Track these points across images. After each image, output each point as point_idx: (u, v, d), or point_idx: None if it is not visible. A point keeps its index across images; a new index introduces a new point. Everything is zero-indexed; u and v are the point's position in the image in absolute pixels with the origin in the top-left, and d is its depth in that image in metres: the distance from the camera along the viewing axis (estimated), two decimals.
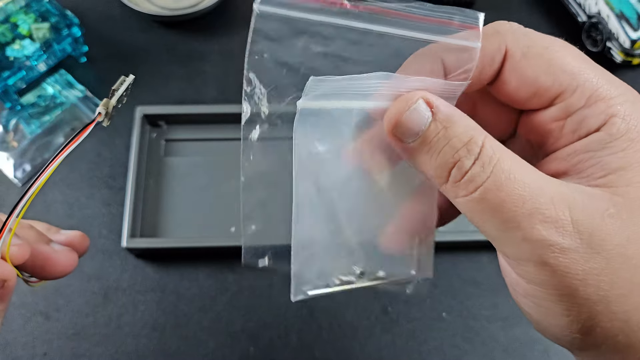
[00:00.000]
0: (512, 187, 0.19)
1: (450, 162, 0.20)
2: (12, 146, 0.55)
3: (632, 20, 0.58)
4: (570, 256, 0.19)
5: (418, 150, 0.20)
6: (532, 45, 0.21)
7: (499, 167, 0.19)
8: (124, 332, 0.48)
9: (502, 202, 0.19)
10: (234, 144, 0.55)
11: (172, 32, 0.62)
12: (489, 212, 0.19)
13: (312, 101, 0.20)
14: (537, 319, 0.21)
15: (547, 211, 0.19)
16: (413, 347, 0.48)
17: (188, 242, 0.49)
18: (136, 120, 0.53)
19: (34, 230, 0.29)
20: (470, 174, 0.19)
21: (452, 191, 0.20)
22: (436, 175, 0.20)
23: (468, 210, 0.20)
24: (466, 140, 0.19)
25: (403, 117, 0.20)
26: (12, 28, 0.55)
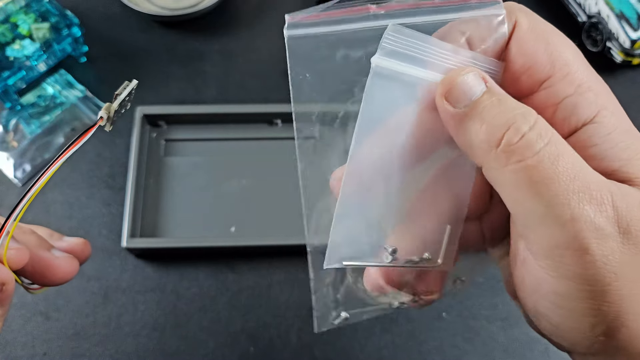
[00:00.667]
0: (567, 161, 0.18)
1: (505, 125, 0.19)
2: (12, 146, 0.55)
3: (632, 20, 0.58)
4: (610, 244, 0.18)
5: (468, 116, 0.19)
6: (537, 25, 0.21)
7: (555, 139, 0.19)
8: (124, 332, 0.48)
9: (555, 174, 0.18)
10: (234, 144, 0.55)
11: (172, 32, 0.62)
12: (540, 184, 0.18)
13: (386, 58, 0.20)
14: (556, 322, 0.20)
15: (595, 192, 0.18)
16: (413, 347, 0.48)
17: (188, 242, 0.49)
18: (136, 120, 0.53)
19: (35, 236, 0.29)
20: (527, 137, 0.18)
21: (502, 157, 0.18)
22: (487, 139, 0.19)
23: (517, 180, 0.18)
24: (522, 109, 0.19)
25: (459, 79, 0.20)
26: (12, 28, 0.55)
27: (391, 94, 0.21)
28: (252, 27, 0.63)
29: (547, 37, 0.21)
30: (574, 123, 0.21)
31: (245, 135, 0.55)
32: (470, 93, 0.20)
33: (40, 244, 0.29)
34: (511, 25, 0.21)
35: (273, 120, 0.55)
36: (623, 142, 0.20)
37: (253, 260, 0.51)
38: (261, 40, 0.62)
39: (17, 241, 0.26)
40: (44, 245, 0.29)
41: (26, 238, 0.28)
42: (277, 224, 0.51)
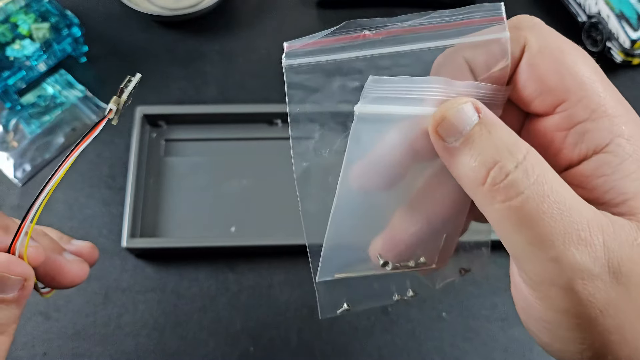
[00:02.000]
0: (554, 200, 0.18)
1: (491, 162, 0.18)
2: (12, 146, 0.55)
3: (632, 20, 0.58)
4: (596, 284, 0.18)
5: (459, 150, 0.19)
6: (549, 44, 0.20)
7: (542, 179, 0.18)
8: (124, 332, 0.48)
9: (541, 214, 0.18)
10: (234, 144, 0.55)
11: (172, 32, 0.62)
12: (524, 223, 0.18)
13: (369, 105, 0.20)
14: (547, 342, 0.21)
15: (583, 233, 0.18)
16: (413, 347, 0.48)
17: (188, 242, 0.49)
18: (136, 120, 0.53)
19: (48, 238, 0.29)
20: (512, 177, 0.18)
21: (488, 196, 0.19)
22: (474, 177, 0.19)
23: (501, 218, 0.19)
24: (510, 143, 0.19)
25: (450, 113, 0.19)
26: (12, 28, 0.55)
27: (378, 131, 0.21)
28: (252, 27, 0.63)
29: (560, 57, 0.20)
30: (584, 151, 0.20)
31: (245, 135, 0.55)
32: (461, 126, 0.19)
33: (53, 247, 0.29)
34: (520, 47, 0.21)
35: (273, 120, 0.55)
36: (634, 174, 0.19)
37: (253, 260, 0.51)
38: (261, 40, 0.62)
39: (33, 239, 0.26)
40: (57, 248, 0.29)
41: (40, 240, 0.28)
42: (277, 224, 0.51)
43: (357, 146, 0.21)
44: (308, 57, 0.21)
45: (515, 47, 0.20)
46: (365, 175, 0.22)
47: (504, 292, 0.50)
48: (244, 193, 0.53)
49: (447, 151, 0.20)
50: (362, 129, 0.21)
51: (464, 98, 0.20)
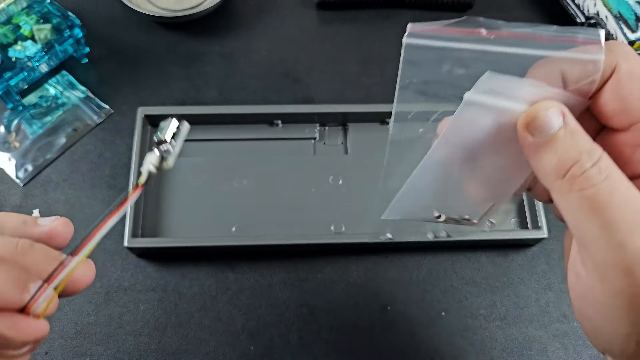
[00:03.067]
0: (622, 194, 0.21)
1: (572, 160, 0.22)
2: (14, 147, 0.55)
3: (630, 21, 0.58)
4: None
5: (544, 146, 0.22)
6: (636, 70, 0.23)
7: (614, 176, 0.22)
8: (125, 331, 0.48)
9: (609, 203, 0.21)
10: (235, 145, 0.55)
11: (173, 33, 0.62)
12: (595, 210, 0.21)
13: (479, 94, 0.23)
14: (599, 326, 0.23)
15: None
16: (412, 345, 0.48)
17: (189, 241, 0.50)
18: (137, 121, 0.53)
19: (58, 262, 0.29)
20: (589, 172, 0.21)
21: (567, 185, 0.22)
22: (555, 170, 0.22)
23: (576, 205, 0.22)
24: (589, 147, 0.22)
25: (541, 113, 0.22)
26: (14, 29, 0.55)
27: (478, 118, 0.24)
28: (253, 28, 0.63)
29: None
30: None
31: (246, 136, 0.55)
32: (548, 126, 0.22)
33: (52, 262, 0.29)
34: (611, 68, 0.23)
35: (273, 121, 0.56)
36: None
37: (253, 260, 0.51)
38: (261, 41, 0.62)
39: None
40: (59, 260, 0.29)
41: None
42: (278, 224, 0.51)
43: (457, 124, 0.24)
44: (426, 40, 0.24)
45: (607, 68, 0.23)
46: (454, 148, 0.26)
47: (502, 292, 0.51)
48: (245, 193, 0.53)
49: (532, 145, 0.23)
50: (466, 111, 0.23)
51: (553, 102, 0.23)
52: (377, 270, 0.51)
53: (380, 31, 0.64)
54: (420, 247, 0.51)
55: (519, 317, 0.50)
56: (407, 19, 0.64)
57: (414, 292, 0.50)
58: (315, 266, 0.51)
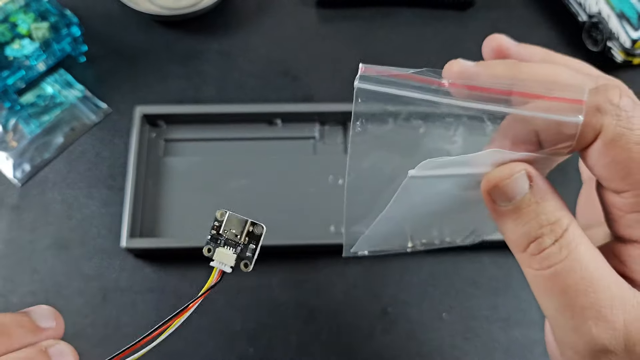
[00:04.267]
0: (580, 277, 0.20)
1: (533, 236, 0.21)
2: (12, 146, 0.55)
3: (632, 19, 0.57)
4: (611, 359, 0.20)
5: (507, 215, 0.22)
6: (624, 135, 0.20)
7: (574, 255, 0.20)
8: (123, 332, 0.48)
9: (566, 287, 0.20)
10: (233, 144, 0.55)
11: (171, 32, 0.62)
12: (551, 291, 0.21)
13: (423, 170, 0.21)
14: None
15: (604, 310, 0.20)
16: (413, 347, 0.48)
17: (187, 242, 0.49)
18: (135, 120, 0.53)
19: None
20: (547, 252, 0.21)
21: (525, 261, 0.21)
22: (516, 243, 0.22)
23: (534, 282, 0.21)
24: (553, 220, 0.21)
25: (503, 182, 0.21)
26: (11, 27, 0.55)
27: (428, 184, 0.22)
28: (252, 27, 0.63)
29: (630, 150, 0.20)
30: (635, 236, 0.22)
31: (245, 135, 0.55)
32: (512, 194, 0.21)
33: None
34: (595, 132, 0.20)
35: (273, 120, 0.55)
36: None
37: None
38: (260, 40, 0.62)
39: None
40: None
41: None
42: (277, 224, 0.51)
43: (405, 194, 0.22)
44: (380, 85, 0.21)
45: (589, 132, 0.20)
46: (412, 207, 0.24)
47: (505, 293, 0.50)
48: (244, 193, 0.52)
49: (496, 212, 0.22)
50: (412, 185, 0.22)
51: (519, 165, 0.21)
52: (378, 270, 0.51)
53: (380, 29, 0.63)
54: None
55: (522, 319, 0.49)
56: (407, 17, 0.64)
57: (414, 294, 0.50)
58: (314, 267, 0.50)
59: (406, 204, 0.23)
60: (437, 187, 0.23)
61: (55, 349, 0.26)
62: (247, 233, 0.25)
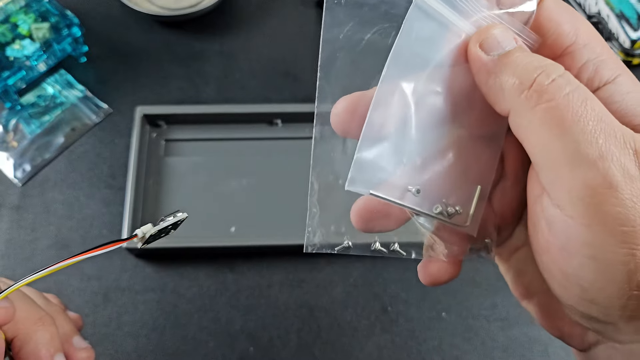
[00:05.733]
0: (595, 104, 0.19)
1: (538, 69, 0.20)
2: (12, 146, 0.55)
3: (632, 20, 0.58)
4: (636, 185, 0.18)
5: (501, 63, 0.21)
6: (561, 2, 0.22)
7: (582, 86, 0.20)
8: (124, 331, 0.48)
9: (584, 114, 0.19)
10: (234, 144, 0.55)
11: (172, 32, 0.62)
12: (569, 122, 0.19)
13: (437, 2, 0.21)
14: (588, 280, 0.19)
15: (619, 135, 0.19)
16: (412, 346, 0.48)
17: (188, 242, 0.49)
18: (136, 120, 0.53)
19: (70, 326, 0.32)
20: (558, 81, 0.19)
21: (534, 97, 0.19)
22: (518, 84, 0.20)
23: (545, 119, 0.19)
24: (550, 61, 0.20)
25: (495, 30, 0.21)
26: (12, 28, 0.55)
27: (427, 31, 0.21)
28: (252, 27, 0.63)
29: (570, 11, 0.22)
30: (596, 82, 0.21)
31: (245, 135, 0.55)
32: (504, 44, 0.21)
33: (65, 333, 0.31)
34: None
35: (273, 120, 0.55)
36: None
37: (253, 260, 0.51)
38: (261, 40, 0.62)
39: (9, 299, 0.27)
40: (68, 334, 0.32)
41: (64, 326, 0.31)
42: (277, 224, 0.51)
43: (407, 36, 0.21)
44: None
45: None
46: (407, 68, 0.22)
47: (504, 292, 0.50)
48: (244, 193, 0.53)
49: (487, 64, 0.21)
50: (415, 18, 0.21)
51: (503, 25, 0.22)
52: (378, 270, 0.51)
53: None
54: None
55: (520, 318, 0.49)
56: None
57: (414, 293, 0.50)
58: (315, 266, 0.51)
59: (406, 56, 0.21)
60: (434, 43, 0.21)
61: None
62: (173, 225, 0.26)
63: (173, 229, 0.26)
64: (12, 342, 0.28)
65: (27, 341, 0.28)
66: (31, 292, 0.32)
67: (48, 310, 0.31)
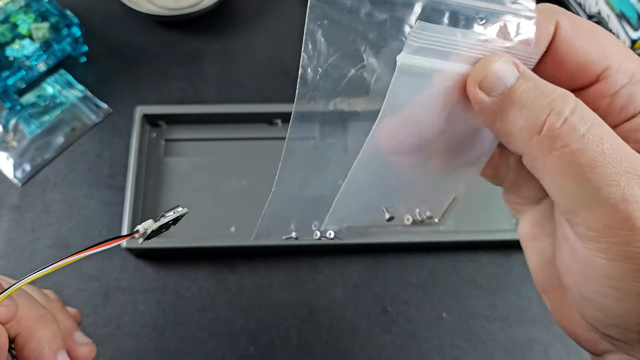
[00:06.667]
0: (612, 142, 0.18)
1: (547, 109, 0.18)
2: (12, 146, 0.55)
3: (632, 20, 0.58)
4: None
5: (505, 104, 0.19)
6: (579, 22, 0.21)
7: (597, 121, 0.18)
8: (124, 332, 0.48)
9: (602, 156, 0.18)
10: (234, 144, 0.55)
11: (172, 32, 0.62)
12: (587, 167, 0.18)
13: (412, 56, 0.19)
14: (606, 306, 0.20)
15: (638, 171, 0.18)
16: (413, 347, 0.48)
17: (188, 242, 0.49)
18: (136, 120, 0.53)
19: (71, 322, 0.33)
20: (570, 121, 0.18)
21: (546, 143, 0.18)
22: (528, 126, 0.19)
23: (561, 165, 0.18)
24: (560, 92, 0.19)
25: (491, 65, 0.19)
26: (11, 28, 0.55)
27: (417, 87, 0.20)
28: (252, 27, 0.63)
29: (592, 32, 0.21)
30: (631, 111, 0.21)
31: (245, 135, 0.55)
32: (504, 80, 0.19)
33: (67, 328, 0.32)
34: (552, 27, 0.21)
35: (273, 120, 0.55)
36: None
37: (253, 260, 0.51)
38: (261, 40, 0.62)
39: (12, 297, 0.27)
40: (69, 330, 0.32)
41: (66, 322, 0.32)
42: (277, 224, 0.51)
43: (394, 100, 0.20)
44: None
45: (549, 25, 0.21)
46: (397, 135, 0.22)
47: (504, 292, 0.50)
48: (244, 193, 0.53)
49: (490, 107, 0.20)
50: (402, 82, 0.20)
51: (499, 53, 0.20)
52: (378, 270, 0.51)
53: None
54: (421, 247, 0.51)
55: (521, 318, 0.49)
56: None
57: (414, 293, 0.50)
58: (315, 266, 0.51)
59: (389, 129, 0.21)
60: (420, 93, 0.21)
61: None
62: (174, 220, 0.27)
63: (173, 224, 0.27)
64: (15, 339, 0.28)
65: (29, 339, 0.28)
66: (31, 290, 0.32)
67: (49, 307, 0.31)
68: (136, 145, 0.52)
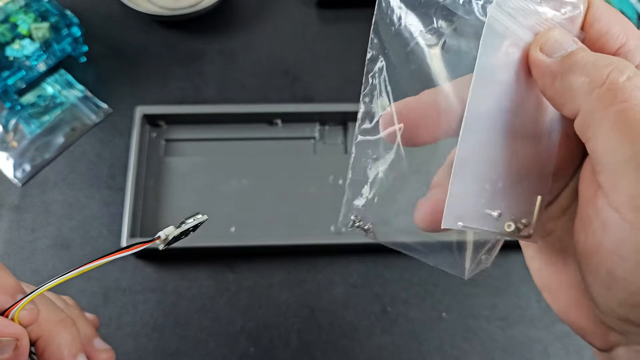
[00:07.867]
0: None
1: (609, 65, 0.19)
2: (12, 146, 0.55)
3: (632, 20, 0.58)
4: None
5: (566, 62, 0.20)
6: (607, 4, 0.22)
7: None
8: (124, 332, 0.48)
9: None
10: (234, 144, 0.55)
11: (172, 32, 0.62)
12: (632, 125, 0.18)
13: (502, 14, 0.21)
14: (638, 286, 0.19)
15: None
16: (413, 347, 0.48)
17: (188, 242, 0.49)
18: (136, 120, 0.53)
19: (91, 329, 0.33)
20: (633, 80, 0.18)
21: (607, 96, 0.18)
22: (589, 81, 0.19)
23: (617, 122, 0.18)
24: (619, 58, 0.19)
25: (554, 32, 0.21)
26: (11, 28, 0.55)
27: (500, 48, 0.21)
28: (252, 27, 0.63)
29: (619, 14, 0.22)
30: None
31: (245, 135, 0.55)
32: (565, 45, 0.20)
33: (86, 334, 0.32)
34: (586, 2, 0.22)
35: (273, 120, 0.55)
36: None
37: (253, 260, 0.51)
38: (261, 40, 0.62)
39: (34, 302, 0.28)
40: (89, 336, 0.33)
41: (85, 328, 0.33)
42: (277, 224, 0.51)
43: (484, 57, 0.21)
44: None
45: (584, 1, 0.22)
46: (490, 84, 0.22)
47: (504, 292, 0.50)
48: (244, 193, 0.53)
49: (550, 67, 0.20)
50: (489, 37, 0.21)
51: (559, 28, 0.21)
52: (378, 270, 0.51)
53: None
54: None
55: (520, 318, 0.49)
56: None
57: (414, 293, 0.50)
58: (315, 266, 0.51)
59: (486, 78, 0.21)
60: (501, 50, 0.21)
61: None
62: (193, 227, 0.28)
63: (193, 230, 0.27)
64: (36, 343, 0.28)
65: (50, 342, 0.29)
66: (51, 295, 0.33)
67: (68, 312, 0.31)
68: (136, 145, 0.52)
